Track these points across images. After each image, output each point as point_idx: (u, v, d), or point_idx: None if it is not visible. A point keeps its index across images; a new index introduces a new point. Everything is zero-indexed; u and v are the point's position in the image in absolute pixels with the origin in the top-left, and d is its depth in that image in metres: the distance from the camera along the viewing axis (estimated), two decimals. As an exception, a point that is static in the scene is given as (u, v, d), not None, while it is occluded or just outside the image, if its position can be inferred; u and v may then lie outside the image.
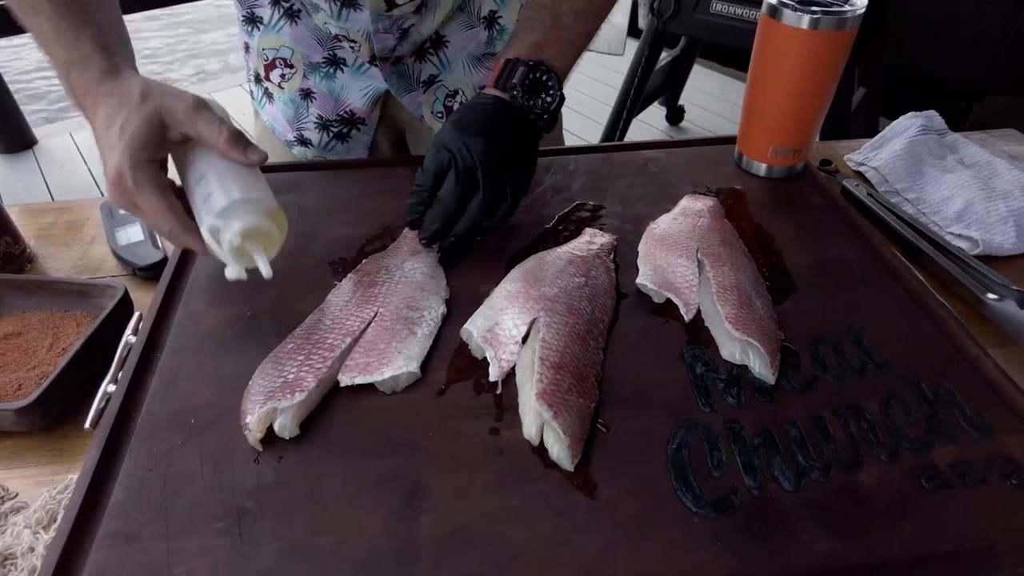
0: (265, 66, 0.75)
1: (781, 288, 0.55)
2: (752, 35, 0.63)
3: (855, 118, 1.84)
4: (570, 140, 0.91)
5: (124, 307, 0.57)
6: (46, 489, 0.45)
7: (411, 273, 0.55)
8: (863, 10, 0.58)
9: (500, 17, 0.76)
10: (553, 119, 0.59)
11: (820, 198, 0.66)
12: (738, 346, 0.48)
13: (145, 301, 0.58)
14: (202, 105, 0.49)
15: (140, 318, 0.55)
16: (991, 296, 0.59)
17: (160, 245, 0.67)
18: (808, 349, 0.49)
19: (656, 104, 2.61)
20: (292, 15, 0.70)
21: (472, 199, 0.54)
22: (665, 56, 2.42)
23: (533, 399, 0.43)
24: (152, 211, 0.48)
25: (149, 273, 0.64)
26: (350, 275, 0.55)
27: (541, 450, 0.42)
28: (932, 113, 0.84)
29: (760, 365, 0.47)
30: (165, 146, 0.49)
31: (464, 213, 0.55)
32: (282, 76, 0.75)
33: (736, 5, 1.68)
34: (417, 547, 0.37)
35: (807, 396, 0.46)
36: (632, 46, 2.04)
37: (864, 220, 0.64)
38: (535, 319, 0.49)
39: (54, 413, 0.50)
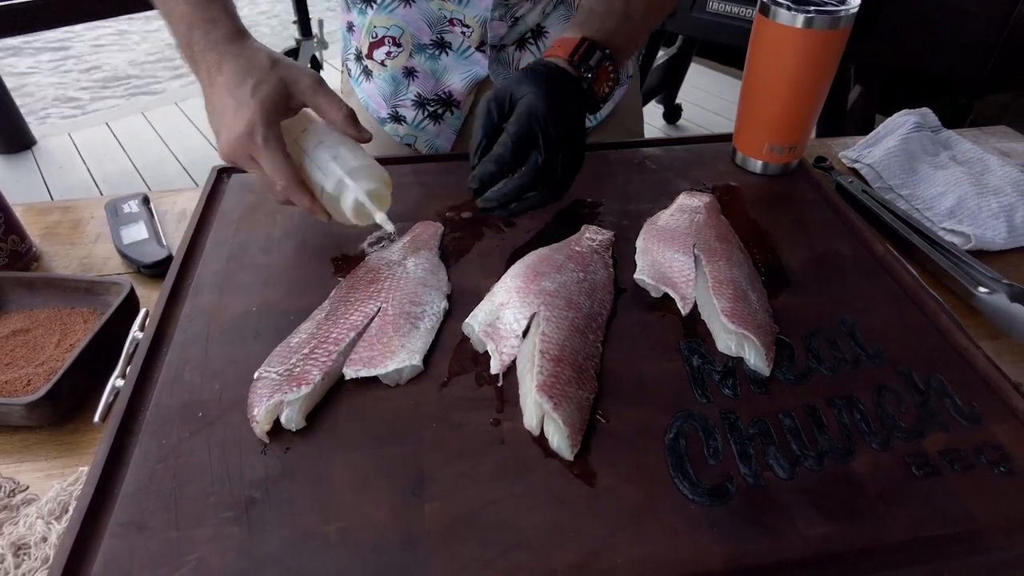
0: (371, 44, 0.76)
1: (776, 282, 0.56)
2: (749, 34, 0.64)
3: (851, 116, 1.85)
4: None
5: (130, 303, 0.58)
6: (57, 481, 0.46)
7: (413, 269, 0.56)
8: (856, 9, 0.59)
9: None
10: (598, 105, 0.61)
11: (815, 194, 0.67)
12: (734, 339, 0.49)
13: (150, 298, 0.59)
14: (323, 82, 0.55)
15: (147, 314, 0.56)
16: (982, 290, 0.60)
17: (164, 243, 0.68)
18: (802, 341, 0.51)
19: (653, 102, 2.63)
20: None
21: (529, 157, 0.54)
22: (662, 55, 2.43)
23: (534, 391, 0.44)
24: (274, 165, 0.52)
25: (153, 271, 0.65)
26: (354, 271, 0.56)
27: (541, 440, 0.43)
28: (926, 110, 0.85)
29: (755, 357, 0.48)
30: (286, 112, 0.54)
31: (517, 169, 0.55)
32: (387, 54, 0.76)
33: (733, 4, 1.69)
34: (422, 533, 0.38)
35: (801, 387, 0.47)
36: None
37: (858, 216, 0.65)
38: (535, 313, 0.50)
39: (63, 408, 0.51)
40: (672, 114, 2.71)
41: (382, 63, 0.77)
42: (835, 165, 0.79)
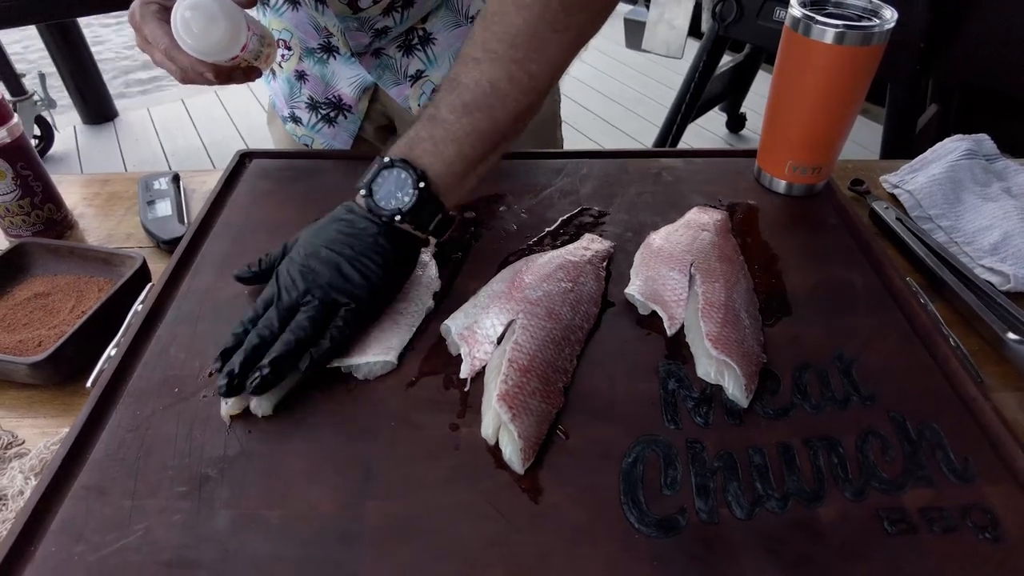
0: None
1: (775, 309, 0.53)
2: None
3: (923, 137, 1.74)
4: (624, 142, 0.90)
5: (142, 276, 0.61)
6: (43, 440, 0.48)
7: (404, 265, 0.56)
8: (892, 24, 0.56)
9: None
10: (426, 226, 0.50)
11: (837, 219, 0.64)
12: (714, 365, 0.47)
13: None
14: None
15: (152, 287, 0.59)
16: (1012, 336, 0.55)
17: (185, 220, 0.71)
18: (791, 375, 0.48)
19: (716, 110, 2.55)
20: (293, 1, 0.73)
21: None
22: (729, 61, 2.36)
23: (494, 399, 0.43)
24: (152, 34, 0.56)
25: (171, 247, 0.68)
26: (345, 263, 0.57)
27: (496, 450, 0.43)
28: (982, 136, 0.78)
29: (734, 387, 0.46)
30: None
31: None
32: (281, 56, 0.79)
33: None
34: (360, 531, 0.39)
35: (780, 423, 0.45)
36: (693, 48, 1.99)
37: (882, 245, 0.61)
38: (513, 320, 0.49)
39: (65, 370, 0.54)
40: (736, 123, 2.62)
41: (279, 64, 0.80)
42: (874, 189, 0.75)
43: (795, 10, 0.58)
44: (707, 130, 2.62)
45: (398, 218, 0.49)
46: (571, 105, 2.71)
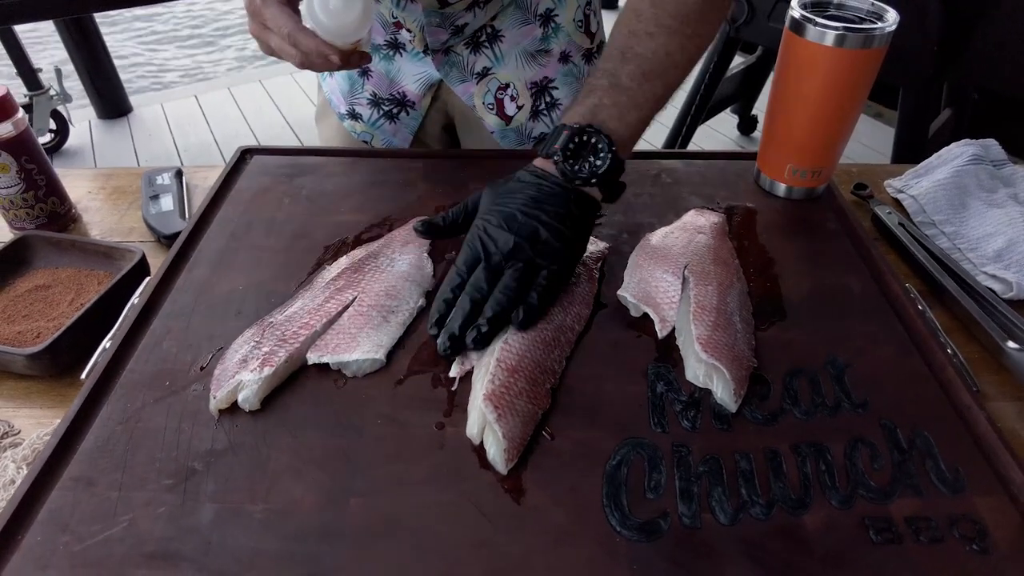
0: None
1: (769, 313, 0.53)
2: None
3: (937, 141, 1.72)
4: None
5: (141, 270, 0.62)
6: (37, 430, 0.49)
7: (399, 263, 0.56)
8: (893, 27, 0.55)
9: (556, 15, 0.77)
10: (612, 186, 0.54)
11: (837, 223, 0.63)
12: (703, 368, 0.47)
13: (160, 267, 0.62)
14: None
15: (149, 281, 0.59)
16: (1012, 345, 0.54)
17: (186, 216, 0.71)
18: (782, 380, 0.47)
19: (727, 112, 2.53)
20: None
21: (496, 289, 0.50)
22: (741, 63, 2.34)
23: (480, 399, 0.43)
24: (273, 18, 0.54)
25: (171, 241, 0.68)
26: (339, 260, 0.57)
27: (480, 450, 0.43)
28: (990, 142, 0.77)
29: (723, 391, 0.46)
30: None
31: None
32: None
33: (813, 13, 1.60)
34: (342, 527, 0.39)
35: (768, 429, 0.44)
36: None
37: (883, 250, 0.60)
38: (504, 320, 0.49)
39: (62, 361, 0.54)
40: (747, 125, 2.60)
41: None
42: (877, 194, 0.74)
43: (795, 11, 0.57)
44: (718, 132, 2.60)
45: (594, 181, 0.52)
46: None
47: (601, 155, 0.52)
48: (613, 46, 0.55)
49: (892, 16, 0.56)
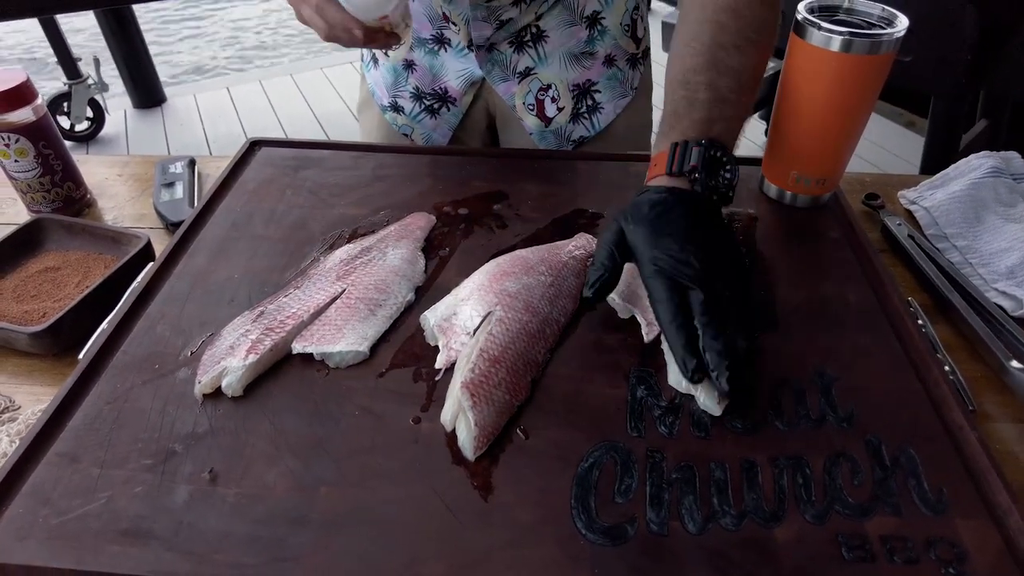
0: None
1: (761, 323, 0.52)
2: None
3: (970, 152, 1.66)
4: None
5: (146, 255, 0.63)
6: (31, 407, 0.51)
7: (391, 257, 0.57)
8: (902, 33, 0.53)
9: (603, 18, 0.77)
10: (729, 197, 0.54)
11: (840, 233, 0.61)
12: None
13: (165, 253, 0.64)
14: None
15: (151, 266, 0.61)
16: (1015, 364, 0.53)
17: (194, 204, 0.73)
18: (767, 390, 0.47)
19: (756, 117, 2.49)
20: None
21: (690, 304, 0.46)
22: (771, 68, 2.29)
23: (458, 386, 0.44)
24: (318, 3, 0.56)
25: (177, 229, 0.70)
26: (333, 251, 0.58)
27: (453, 445, 0.43)
28: (1012, 154, 0.75)
29: (706, 397, 0.45)
30: None
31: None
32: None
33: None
34: (311, 515, 0.39)
35: (747, 439, 0.43)
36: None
37: (888, 262, 0.58)
38: (491, 312, 0.49)
39: (63, 341, 0.56)
40: (776, 131, 2.55)
41: (385, 53, 0.80)
42: (890, 205, 0.72)
43: (801, 16, 0.56)
44: (744, 137, 2.56)
45: (731, 194, 0.53)
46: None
47: (729, 169, 0.53)
48: (699, 56, 0.54)
49: (902, 22, 0.55)
